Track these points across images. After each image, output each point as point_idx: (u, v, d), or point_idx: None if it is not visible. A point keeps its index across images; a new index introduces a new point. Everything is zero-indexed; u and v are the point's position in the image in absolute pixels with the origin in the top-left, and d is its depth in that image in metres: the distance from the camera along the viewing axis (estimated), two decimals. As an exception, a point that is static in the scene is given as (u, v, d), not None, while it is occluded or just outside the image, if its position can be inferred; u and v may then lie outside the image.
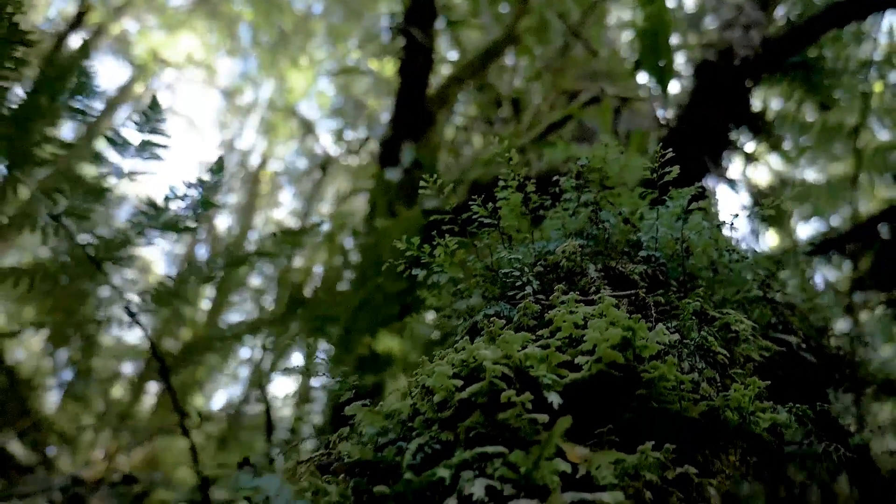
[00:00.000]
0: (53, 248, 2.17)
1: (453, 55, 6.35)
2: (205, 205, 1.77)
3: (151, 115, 1.51)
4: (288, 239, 1.97)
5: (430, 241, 1.07)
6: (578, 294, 0.81)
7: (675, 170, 0.96)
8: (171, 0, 12.57)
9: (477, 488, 0.57)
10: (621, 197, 1.10)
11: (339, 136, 10.26)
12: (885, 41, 3.10)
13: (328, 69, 12.10)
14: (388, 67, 8.64)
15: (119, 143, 1.59)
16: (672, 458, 0.65)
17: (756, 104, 3.21)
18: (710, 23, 3.87)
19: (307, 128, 11.99)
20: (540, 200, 1.05)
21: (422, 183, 1.04)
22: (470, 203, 1.00)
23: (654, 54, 2.55)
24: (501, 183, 1.06)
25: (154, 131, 1.54)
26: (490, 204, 1.00)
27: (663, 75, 2.72)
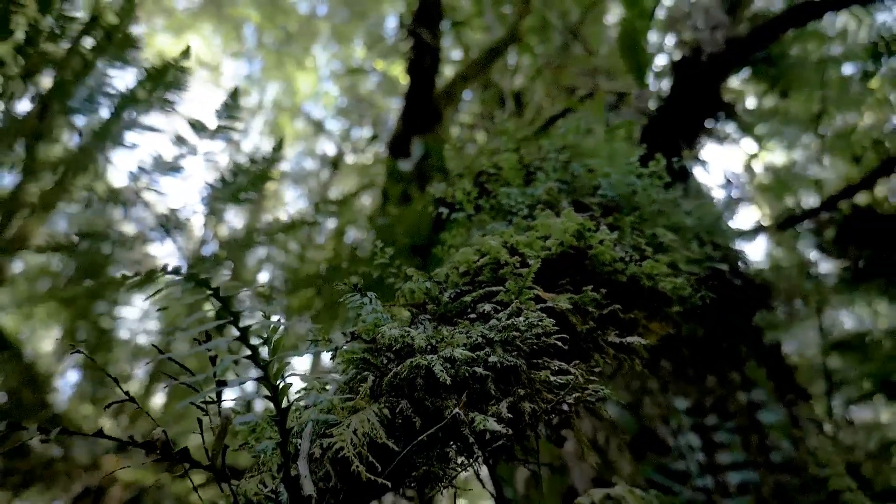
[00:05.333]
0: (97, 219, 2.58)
1: (456, 55, 6.74)
2: (263, 178, 2.19)
3: (232, 105, 1.94)
4: (326, 208, 2.38)
5: (440, 225, 1.49)
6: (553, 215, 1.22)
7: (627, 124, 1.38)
8: (178, 2, 12.97)
9: (487, 307, 0.99)
10: (589, 157, 1.51)
11: (345, 135, 10.65)
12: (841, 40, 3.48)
13: (334, 70, 12.47)
14: (394, 68, 9.03)
15: (199, 128, 2.01)
16: (605, 302, 1.07)
17: (727, 95, 3.61)
18: (689, 25, 4.27)
19: (315, 128, 12.37)
20: (531, 159, 1.47)
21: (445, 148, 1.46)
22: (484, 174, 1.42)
23: (632, 53, 2.96)
24: (503, 147, 1.47)
25: (231, 118, 1.97)
26: (494, 157, 1.42)
27: (641, 72, 3.13)
